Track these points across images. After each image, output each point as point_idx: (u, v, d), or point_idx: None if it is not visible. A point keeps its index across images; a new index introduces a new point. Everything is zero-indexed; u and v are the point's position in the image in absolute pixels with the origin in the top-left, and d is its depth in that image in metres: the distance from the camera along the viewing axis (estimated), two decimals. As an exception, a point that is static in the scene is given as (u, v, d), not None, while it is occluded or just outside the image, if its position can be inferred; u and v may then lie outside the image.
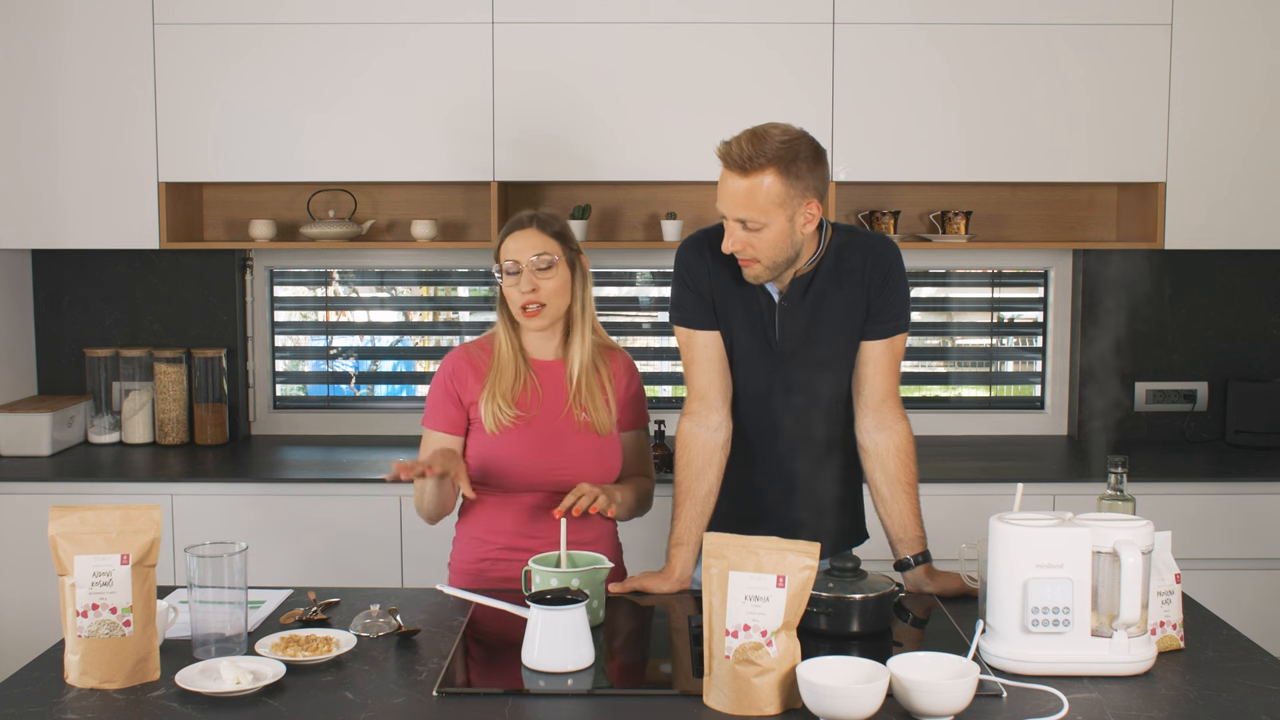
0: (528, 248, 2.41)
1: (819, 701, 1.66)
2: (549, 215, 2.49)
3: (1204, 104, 3.47)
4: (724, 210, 2.20)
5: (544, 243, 2.42)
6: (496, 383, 2.42)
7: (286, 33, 3.46)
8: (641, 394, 2.56)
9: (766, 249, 2.20)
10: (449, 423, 2.45)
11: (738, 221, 2.19)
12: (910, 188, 3.80)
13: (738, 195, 2.16)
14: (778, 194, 2.15)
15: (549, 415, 2.43)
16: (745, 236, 2.20)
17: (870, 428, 2.36)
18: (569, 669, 1.86)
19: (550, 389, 2.45)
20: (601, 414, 2.44)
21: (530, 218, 2.47)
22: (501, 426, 2.40)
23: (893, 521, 2.34)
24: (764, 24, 3.44)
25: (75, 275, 3.85)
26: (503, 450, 2.40)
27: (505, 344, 2.45)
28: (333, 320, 4.04)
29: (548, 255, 2.40)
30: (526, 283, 2.39)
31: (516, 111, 3.47)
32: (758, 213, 2.16)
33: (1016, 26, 3.45)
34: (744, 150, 2.14)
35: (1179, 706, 1.75)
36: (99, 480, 3.34)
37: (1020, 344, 4.04)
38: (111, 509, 1.85)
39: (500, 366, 2.44)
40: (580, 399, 2.44)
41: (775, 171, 2.14)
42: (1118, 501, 2.14)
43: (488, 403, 2.41)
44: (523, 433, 2.41)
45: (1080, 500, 3.20)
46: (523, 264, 2.39)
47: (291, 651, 1.91)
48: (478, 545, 2.45)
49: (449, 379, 2.46)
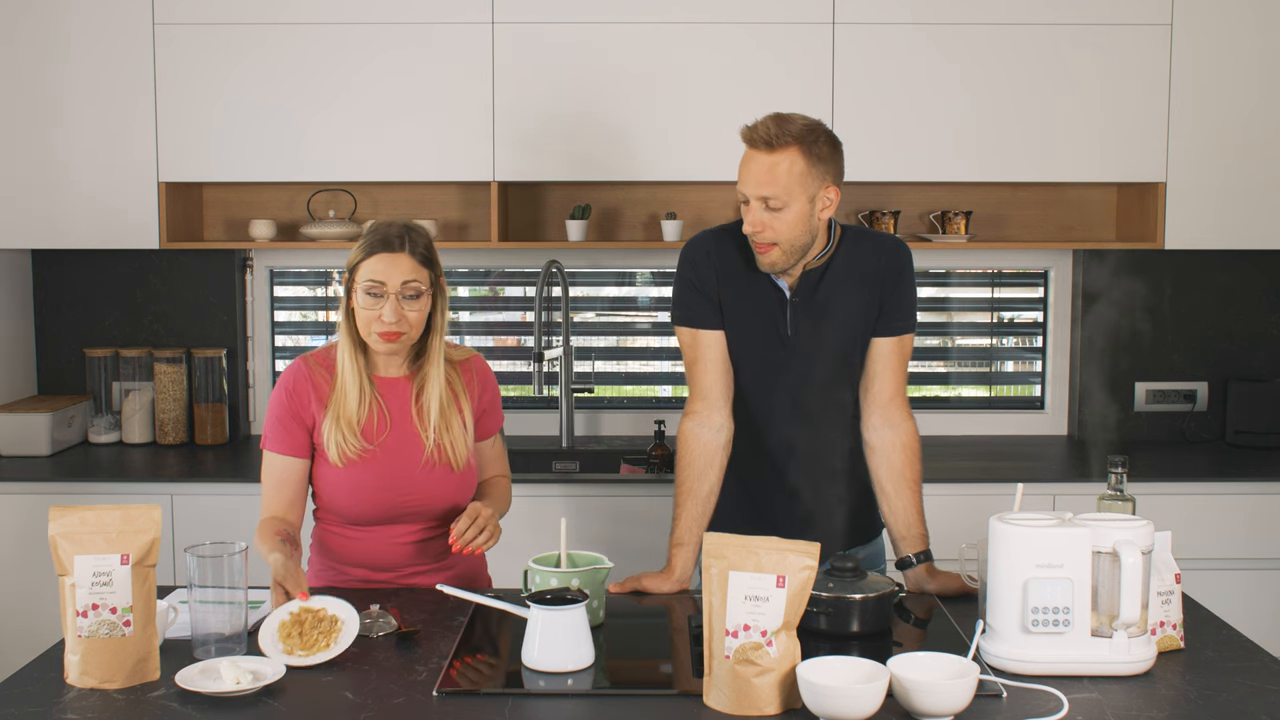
0: (396, 273, 2.23)
1: (819, 701, 1.66)
2: (420, 235, 2.29)
3: (1204, 104, 3.47)
4: (746, 190, 2.23)
5: (414, 270, 2.24)
6: (340, 408, 2.27)
7: (287, 33, 3.46)
8: (496, 397, 2.44)
9: (786, 230, 2.23)
10: (293, 445, 2.30)
11: (760, 200, 2.21)
12: (910, 188, 3.80)
13: (761, 172, 2.20)
14: (800, 172, 2.20)
15: (397, 444, 2.30)
16: (765, 217, 2.22)
17: (877, 424, 2.36)
18: (569, 669, 1.86)
19: (397, 409, 2.32)
20: (457, 440, 2.31)
21: (402, 239, 2.25)
22: (347, 459, 2.27)
23: (896, 519, 2.35)
24: (764, 24, 3.44)
25: (75, 275, 3.85)
26: (349, 484, 2.28)
27: (349, 364, 2.28)
28: (333, 320, 4.04)
29: (416, 284, 2.25)
30: (391, 312, 2.22)
31: (516, 111, 3.47)
32: (781, 189, 2.19)
33: (1016, 26, 3.45)
34: (769, 129, 2.19)
35: (1179, 706, 1.75)
36: (99, 480, 3.34)
37: (1020, 344, 4.04)
38: (111, 509, 1.85)
39: (344, 388, 2.28)
40: (431, 425, 2.30)
41: (799, 150, 2.19)
42: (1117, 501, 2.14)
43: (331, 431, 2.27)
44: (370, 466, 2.28)
45: (1080, 500, 3.20)
46: (389, 289, 2.22)
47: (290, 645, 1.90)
48: (332, 573, 2.37)
49: (289, 396, 2.30)
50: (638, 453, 3.71)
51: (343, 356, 2.31)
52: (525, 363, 3.98)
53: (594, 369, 4.00)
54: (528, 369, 3.97)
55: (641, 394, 4.06)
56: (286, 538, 2.21)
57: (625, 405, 4.00)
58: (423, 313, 2.28)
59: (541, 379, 3.60)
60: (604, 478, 3.42)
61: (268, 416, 2.33)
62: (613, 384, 4.04)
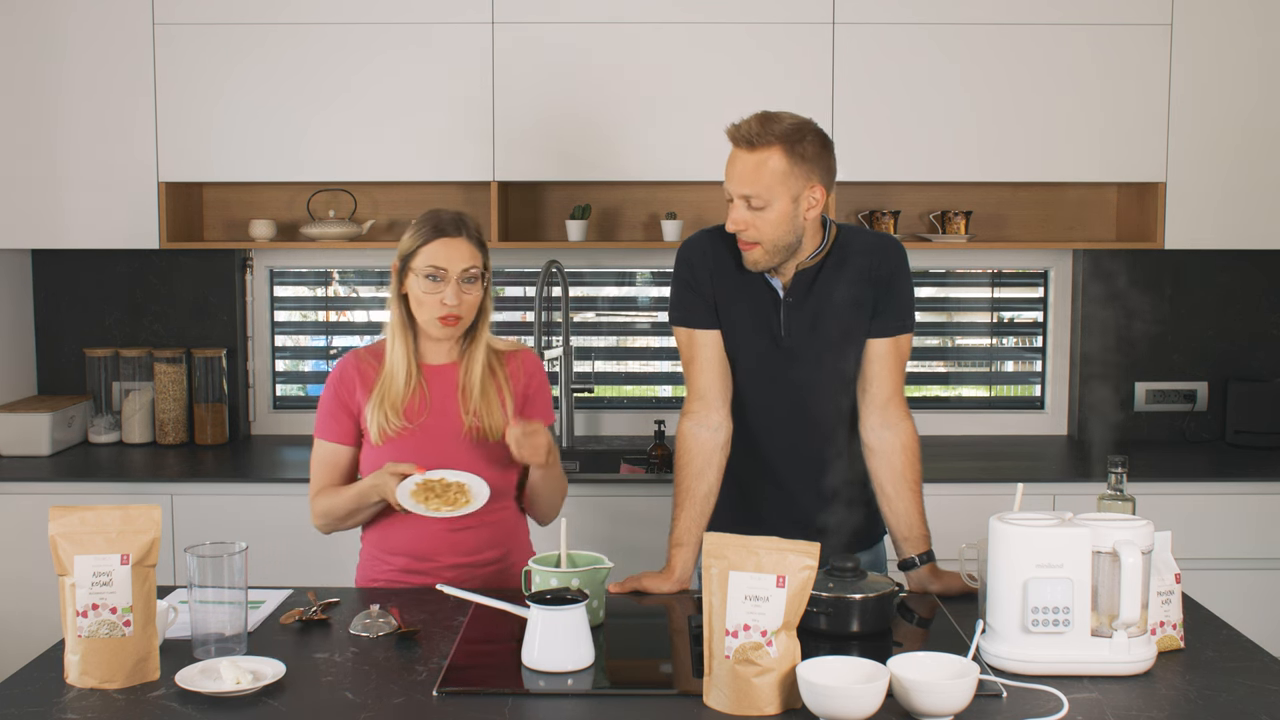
0: (458, 258, 2.30)
1: (819, 701, 1.66)
2: (473, 220, 2.36)
3: (1204, 104, 3.47)
4: (729, 187, 2.24)
5: (473, 255, 2.32)
6: (385, 391, 2.34)
7: (287, 33, 3.46)
8: (544, 392, 2.47)
9: (769, 230, 2.23)
10: (340, 433, 2.38)
11: (742, 199, 2.22)
12: (910, 188, 3.80)
13: (744, 171, 2.21)
14: (782, 172, 2.19)
15: (436, 423, 2.35)
16: (748, 216, 2.22)
17: (876, 425, 2.36)
18: (569, 669, 1.86)
19: (439, 395, 2.37)
20: (495, 417, 2.36)
21: (459, 224, 2.33)
22: (386, 437, 2.33)
23: (898, 520, 2.34)
24: (764, 24, 3.44)
25: (75, 275, 3.85)
26: (386, 459, 2.32)
27: (400, 350, 2.35)
28: (333, 320, 4.05)
29: (475, 269, 2.32)
30: (452, 295, 2.29)
31: (516, 111, 3.47)
32: (762, 189, 2.20)
33: (1017, 26, 3.45)
34: (752, 127, 2.20)
35: (1179, 706, 1.75)
36: (99, 480, 3.34)
37: (1020, 344, 4.04)
38: (111, 509, 1.85)
39: (391, 374, 2.35)
40: (472, 405, 2.36)
41: (781, 150, 2.19)
42: (1117, 501, 2.14)
43: (374, 411, 2.33)
44: (408, 442, 2.33)
45: (1080, 500, 3.20)
46: (451, 274, 2.29)
47: (433, 505, 2.15)
48: (377, 563, 2.41)
49: (338, 386, 2.39)
50: (638, 453, 3.71)
51: (392, 342, 2.37)
52: (525, 363, 3.98)
53: (594, 369, 4.00)
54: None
55: (641, 394, 4.06)
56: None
57: (625, 405, 4.00)
58: (478, 297, 2.35)
59: (541, 379, 3.60)
60: (604, 478, 3.42)
61: (319, 407, 2.42)
62: (613, 384, 4.04)
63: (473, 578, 2.35)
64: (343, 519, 2.37)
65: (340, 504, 2.35)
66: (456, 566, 2.36)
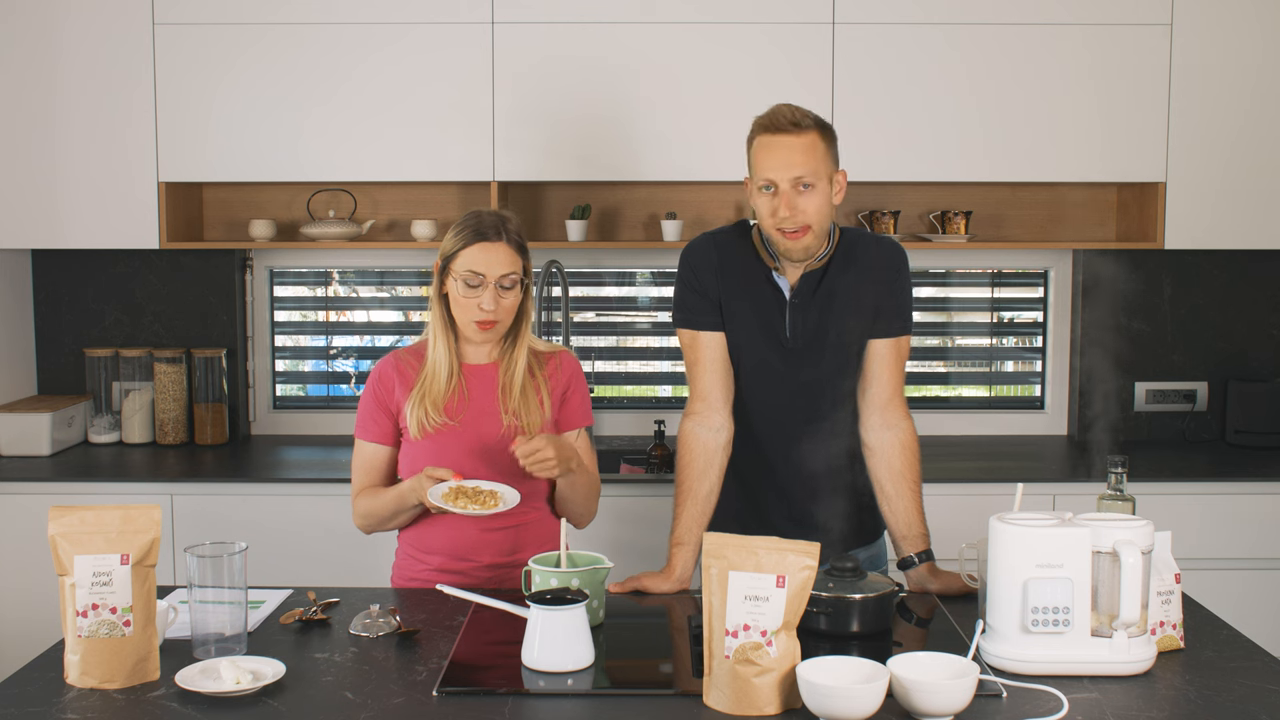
0: (497, 264, 2.29)
1: (819, 701, 1.66)
2: (514, 223, 2.35)
3: (1204, 104, 3.47)
4: (776, 174, 2.24)
5: (512, 260, 2.31)
6: (426, 389, 2.34)
7: (287, 33, 3.46)
8: (583, 394, 2.47)
9: (816, 212, 2.26)
10: (380, 433, 2.40)
11: (793, 182, 2.24)
12: (910, 188, 3.80)
13: (793, 152, 2.24)
14: (823, 152, 2.27)
15: (475, 420, 2.36)
16: (798, 200, 2.24)
17: (876, 425, 2.37)
18: (569, 669, 1.86)
19: (479, 393, 2.38)
20: (534, 415, 2.36)
21: (498, 228, 2.32)
22: (425, 432, 2.33)
23: (897, 519, 2.35)
24: (764, 24, 3.44)
25: (75, 275, 3.85)
26: (427, 456, 2.33)
27: (442, 350, 2.36)
28: (333, 320, 4.05)
29: (514, 275, 2.31)
30: (490, 300, 2.29)
31: (516, 111, 3.47)
32: (814, 168, 2.24)
33: (1017, 26, 3.45)
34: (793, 113, 2.26)
35: (1179, 706, 1.75)
36: (99, 480, 3.34)
37: (1020, 344, 4.04)
38: (111, 509, 1.85)
39: (433, 373, 2.35)
40: (511, 404, 2.36)
41: (818, 133, 2.27)
42: (1117, 501, 2.14)
43: (414, 407, 2.34)
44: (447, 438, 2.34)
45: (1080, 500, 3.20)
46: (489, 279, 2.29)
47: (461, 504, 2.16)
48: (413, 562, 2.41)
49: (377, 386, 2.39)
50: (638, 453, 3.71)
51: (434, 341, 2.37)
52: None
53: (594, 369, 4.00)
54: (528, 369, 3.96)
55: (641, 394, 4.06)
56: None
57: (625, 405, 4.00)
58: (516, 301, 2.34)
59: (541, 379, 3.60)
60: (604, 478, 3.39)
61: (359, 407, 2.43)
62: (613, 384, 4.04)
63: (510, 578, 2.36)
64: (384, 520, 2.37)
65: (380, 506, 2.35)
66: (494, 566, 2.36)
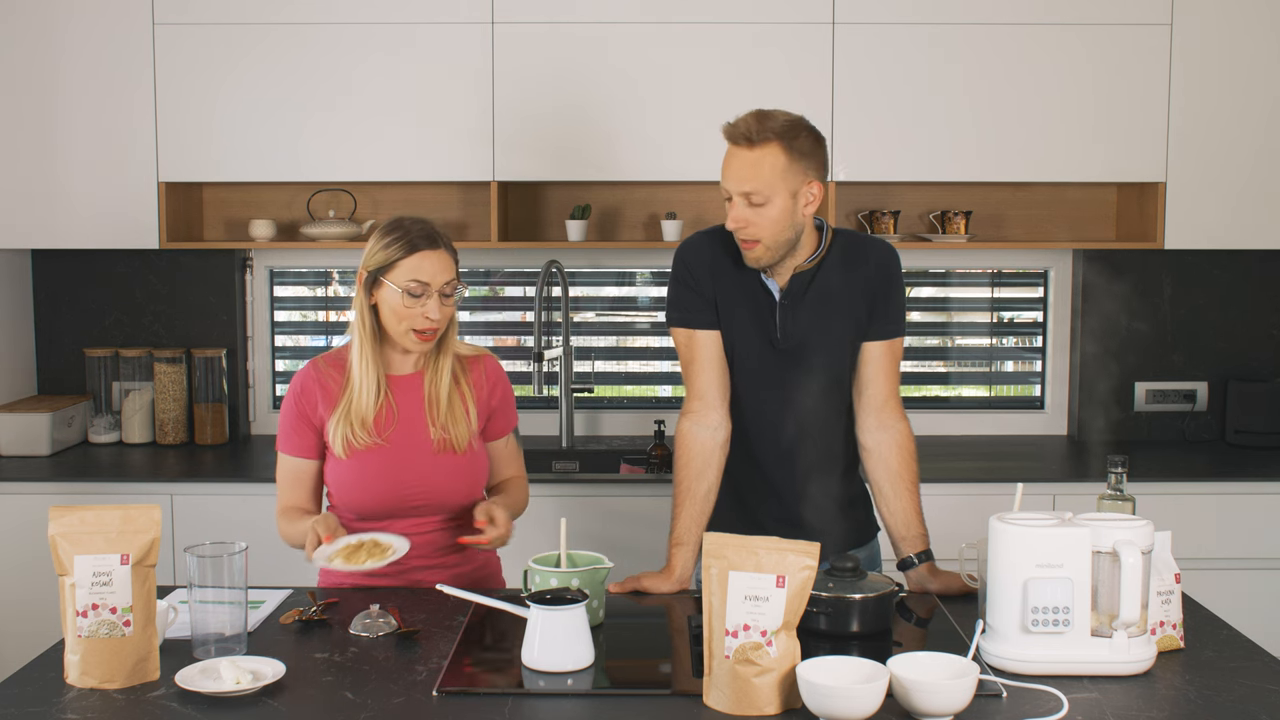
0: (440, 271, 2.25)
1: (819, 701, 1.66)
2: (445, 230, 2.32)
3: (1204, 104, 3.47)
4: (729, 186, 2.23)
5: (451, 267, 2.28)
6: (351, 404, 2.29)
7: (287, 33, 3.46)
8: (508, 398, 2.45)
9: (769, 227, 2.23)
10: (303, 447, 2.34)
11: (742, 196, 2.22)
12: (910, 188, 3.80)
13: (743, 168, 2.21)
14: (782, 168, 2.20)
15: (403, 436, 2.32)
16: (748, 214, 2.22)
17: (872, 427, 2.37)
18: (569, 669, 1.86)
19: (406, 406, 2.33)
20: (460, 428, 2.33)
21: (433, 236, 2.27)
22: (352, 450, 2.29)
23: (895, 520, 2.35)
24: (764, 24, 3.44)
25: (75, 275, 3.85)
26: (356, 476, 2.30)
27: (367, 362, 2.29)
28: (333, 320, 4.05)
29: (454, 281, 2.29)
30: (435, 310, 2.24)
31: (516, 111, 3.47)
32: (763, 184, 2.20)
33: (1016, 26, 3.45)
34: (750, 125, 2.21)
35: (1179, 706, 1.75)
36: (99, 480, 3.34)
37: (1020, 344, 4.04)
38: (111, 509, 1.85)
39: (360, 386, 2.29)
40: (439, 418, 2.33)
41: (779, 146, 2.20)
42: (1117, 501, 2.14)
43: (338, 425, 2.29)
44: (374, 456, 2.30)
45: (1080, 500, 3.20)
46: (434, 288, 2.25)
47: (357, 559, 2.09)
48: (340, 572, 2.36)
49: (297, 400, 2.33)
50: (638, 453, 3.71)
51: (359, 356, 2.31)
52: (525, 363, 3.98)
53: (594, 369, 4.00)
54: (528, 369, 3.97)
55: (641, 394, 4.06)
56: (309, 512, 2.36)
57: (625, 405, 4.00)
58: (453, 308, 2.32)
59: (541, 379, 3.60)
60: (604, 478, 3.42)
61: (280, 419, 2.38)
62: (613, 384, 4.04)
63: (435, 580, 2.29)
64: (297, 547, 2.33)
65: (296, 536, 2.31)
66: (421, 569, 2.34)
